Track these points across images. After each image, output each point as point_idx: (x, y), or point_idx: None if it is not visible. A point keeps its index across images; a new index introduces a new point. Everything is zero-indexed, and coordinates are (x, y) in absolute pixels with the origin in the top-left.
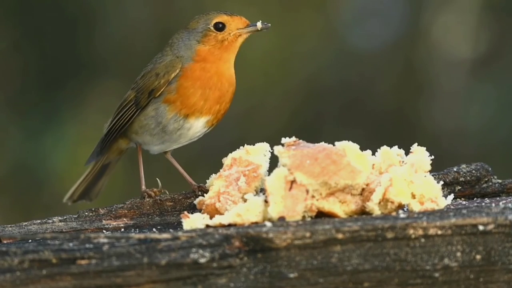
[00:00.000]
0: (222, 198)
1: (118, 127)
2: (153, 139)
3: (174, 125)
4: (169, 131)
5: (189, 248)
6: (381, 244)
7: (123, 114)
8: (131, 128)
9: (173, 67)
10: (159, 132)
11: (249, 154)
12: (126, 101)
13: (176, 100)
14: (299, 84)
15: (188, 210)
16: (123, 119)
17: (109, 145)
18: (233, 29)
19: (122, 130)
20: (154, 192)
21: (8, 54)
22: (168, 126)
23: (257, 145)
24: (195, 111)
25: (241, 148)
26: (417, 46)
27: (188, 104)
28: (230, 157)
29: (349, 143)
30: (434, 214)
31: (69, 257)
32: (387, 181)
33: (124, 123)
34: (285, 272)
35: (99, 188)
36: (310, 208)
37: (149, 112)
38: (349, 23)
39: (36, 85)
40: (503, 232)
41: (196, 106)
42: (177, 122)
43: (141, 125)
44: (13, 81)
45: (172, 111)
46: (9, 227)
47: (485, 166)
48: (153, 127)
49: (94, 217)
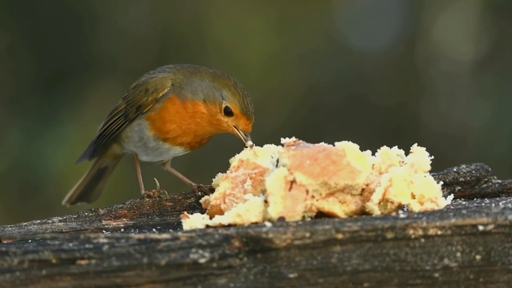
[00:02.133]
0: (227, 200)
1: (108, 134)
2: (138, 150)
3: (153, 144)
4: (149, 147)
5: (189, 249)
6: (381, 245)
7: (113, 123)
8: (119, 136)
9: (162, 86)
10: (141, 146)
11: (256, 156)
12: (116, 110)
13: (155, 120)
14: (299, 83)
15: (188, 210)
16: (112, 128)
17: (104, 150)
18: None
19: (111, 138)
20: (153, 192)
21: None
22: (148, 143)
23: (265, 146)
24: (169, 139)
25: (248, 149)
26: (418, 46)
27: (163, 130)
28: (237, 158)
29: (349, 143)
30: (434, 214)
31: (69, 257)
32: (387, 181)
33: (113, 132)
34: (285, 272)
35: (98, 192)
36: (310, 208)
37: (134, 126)
38: (350, 22)
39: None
40: (503, 233)
41: (170, 135)
42: (156, 142)
43: (127, 136)
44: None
45: (151, 130)
46: (9, 227)
47: (485, 166)
48: (136, 140)
49: (94, 217)
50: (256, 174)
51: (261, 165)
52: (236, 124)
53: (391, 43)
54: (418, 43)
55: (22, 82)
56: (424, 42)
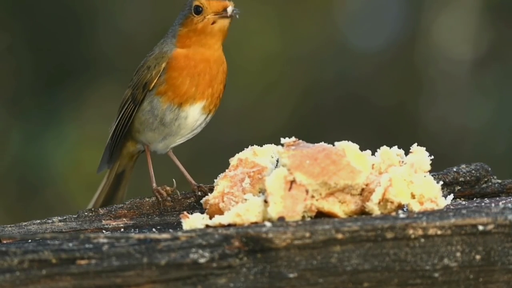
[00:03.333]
0: (226, 199)
1: (121, 127)
2: (155, 134)
3: (170, 116)
4: (167, 123)
5: (188, 248)
6: (381, 244)
7: (123, 113)
8: (133, 127)
9: (162, 58)
10: (158, 125)
11: (256, 155)
12: (124, 100)
13: (167, 91)
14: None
15: (187, 210)
16: (124, 118)
17: (119, 151)
18: (209, 13)
19: (126, 130)
20: (166, 190)
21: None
22: (165, 117)
23: (265, 146)
24: (188, 99)
25: (249, 148)
26: (417, 46)
27: (179, 93)
28: (237, 157)
29: (348, 143)
30: (433, 214)
31: (69, 257)
32: (387, 181)
33: (125, 123)
34: (285, 272)
35: (121, 198)
36: (310, 208)
37: (145, 106)
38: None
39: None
40: (503, 232)
41: (187, 94)
42: (172, 112)
43: (140, 122)
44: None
45: (166, 102)
46: (9, 227)
47: (485, 166)
48: (151, 121)
49: (94, 217)
50: (254, 173)
51: (259, 163)
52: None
53: (390, 43)
54: (418, 43)
55: (22, 82)
56: (423, 42)
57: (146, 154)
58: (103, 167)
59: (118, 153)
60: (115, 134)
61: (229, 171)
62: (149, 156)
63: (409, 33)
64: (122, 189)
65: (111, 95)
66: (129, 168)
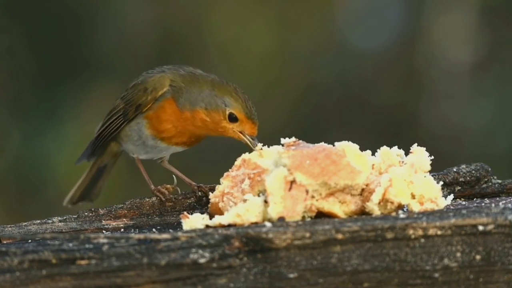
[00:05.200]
0: (225, 198)
1: (107, 134)
2: (137, 148)
3: (152, 142)
4: (148, 146)
5: (188, 249)
6: (381, 245)
7: (111, 123)
8: (118, 135)
9: (161, 85)
10: (140, 144)
11: (261, 157)
12: (115, 110)
13: (152, 119)
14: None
15: (188, 210)
16: (111, 128)
17: (102, 149)
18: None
19: (110, 138)
20: (167, 188)
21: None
22: (147, 141)
23: (272, 147)
24: (165, 138)
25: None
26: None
27: (159, 129)
28: (241, 157)
29: (348, 143)
30: (433, 215)
31: (69, 258)
32: (387, 182)
33: (112, 132)
34: (285, 273)
35: (98, 190)
36: (310, 209)
37: (133, 125)
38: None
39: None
40: (503, 233)
41: (166, 134)
42: (154, 140)
43: (126, 135)
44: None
45: (149, 129)
46: (9, 227)
47: (485, 167)
48: (135, 139)
49: (94, 218)
50: (254, 174)
51: (261, 165)
52: (242, 130)
53: (390, 44)
54: (418, 43)
55: (22, 82)
56: (423, 42)
57: (137, 162)
58: (82, 159)
59: (102, 150)
60: (100, 137)
61: (231, 171)
62: (140, 163)
63: (410, 34)
64: (101, 181)
65: (110, 94)
66: (112, 163)
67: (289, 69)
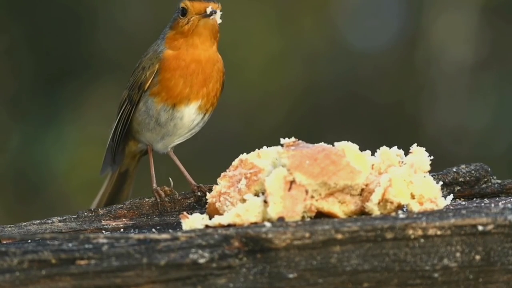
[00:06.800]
0: (222, 198)
1: (121, 128)
2: (153, 134)
3: (165, 116)
4: (162, 123)
5: (188, 249)
6: (381, 245)
7: (122, 114)
8: (132, 128)
9: (155, 58)
10: (154, 126)
11: (259, 157)
12: (122, 101)
13: (160, 92)
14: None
15: (187, 210)
16: (123, 119)
17: (121, 151)
18: (192, 14)
19: (125, 131)
20: (165, 191)
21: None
22: (160, 118)
23: (270, 148)
24: (182, 99)
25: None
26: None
27: (172, 95)
28: (239, 158)
29: (348, 143)
30: (433, 215)
31: (69, 258)
32: (387, 182)
33: (124, 124)
34: (285, 273)
35: (125, 198)
36: (310, 209)
37: (141, 107)
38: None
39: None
40: (503, 233)
41: (181, 95)
42: (167, 112)
43: (138, 122)
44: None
45: (159, 103)
46: (9, 227)
47: (485, 167)
48: (147, 122)
49: (94, 218)
50: (251, 174)
51: (257, 165)
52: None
53: (390, 43)
54: (418, 43)
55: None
56: (423, 42)
57: (149, 154)
58: (106, 169)
59: (121, 154)
60: (116, 135)
61: (228, 171)
62: (151, 157)
63: (410, 34)
64: (126, 189)
65: (111, 95)
66: (133, 168)
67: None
